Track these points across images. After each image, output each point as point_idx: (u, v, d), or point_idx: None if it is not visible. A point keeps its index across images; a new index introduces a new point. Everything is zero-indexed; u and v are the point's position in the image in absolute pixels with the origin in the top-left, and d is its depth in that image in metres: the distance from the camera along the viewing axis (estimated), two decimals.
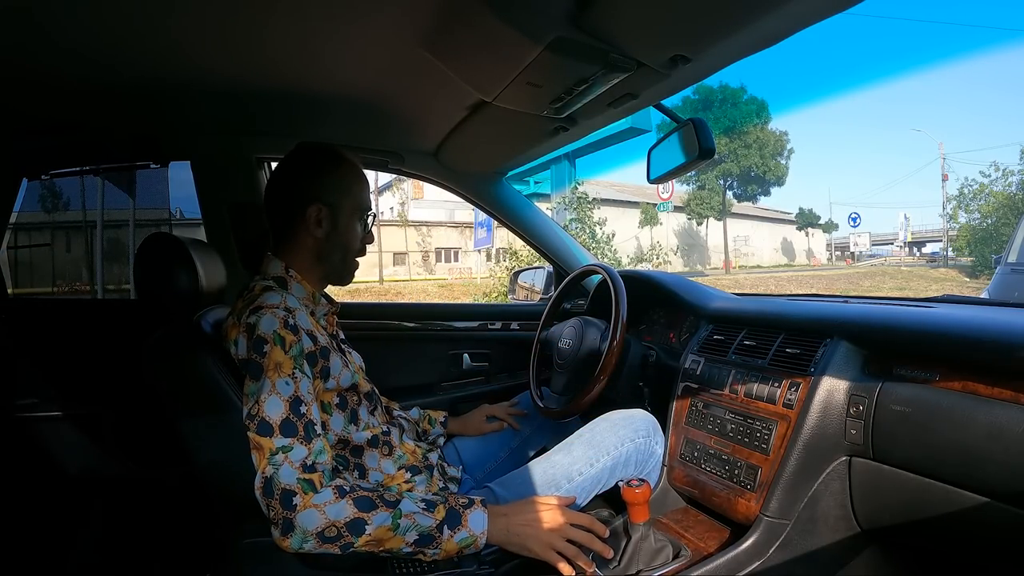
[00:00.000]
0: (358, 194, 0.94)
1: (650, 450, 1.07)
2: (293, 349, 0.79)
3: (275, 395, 0.75)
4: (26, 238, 3.56)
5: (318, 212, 0.90)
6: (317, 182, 0.91)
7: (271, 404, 0.75)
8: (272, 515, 0.72)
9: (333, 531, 0.72)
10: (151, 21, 0.83)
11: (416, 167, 1.54)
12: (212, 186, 1.42)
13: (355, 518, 0.73)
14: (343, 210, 0.92)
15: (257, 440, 0.74)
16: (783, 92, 42.75)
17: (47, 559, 1.37)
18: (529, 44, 0.78)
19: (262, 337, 0.77)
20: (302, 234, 0.91)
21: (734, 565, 0.88)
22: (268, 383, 0.76)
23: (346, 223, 0.93)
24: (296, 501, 0.71)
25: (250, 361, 0.77)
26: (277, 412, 0.75)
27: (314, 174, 0.91)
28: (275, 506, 0.71)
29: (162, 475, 1.38)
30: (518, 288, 1.94)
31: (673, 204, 16.86)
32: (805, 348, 0.95)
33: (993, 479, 0.69)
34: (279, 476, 0.72)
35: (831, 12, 0.70)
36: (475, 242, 16.82)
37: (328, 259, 0.93)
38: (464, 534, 0.76)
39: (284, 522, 0.71)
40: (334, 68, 1.02)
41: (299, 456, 0.74)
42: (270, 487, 0.72)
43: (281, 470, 0.72)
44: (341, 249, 0.93)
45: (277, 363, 0.77)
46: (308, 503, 0.72)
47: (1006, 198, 17.10)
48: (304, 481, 0.72)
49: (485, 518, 0.78)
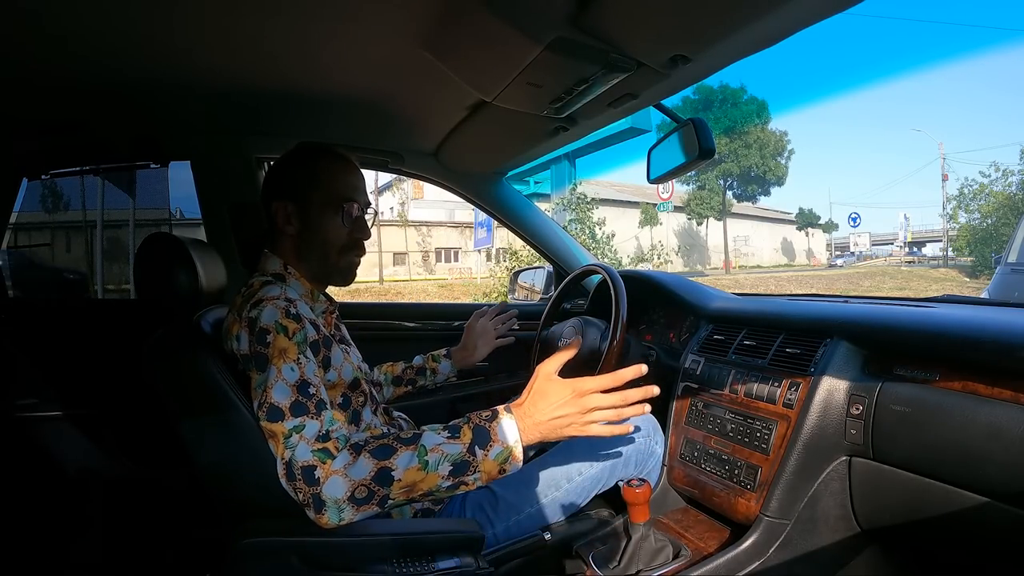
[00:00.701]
0: (330, 186, 0.88)
1: (650, 450, 1.07)
2: (297, 336, 0.78)
3: (281, 381, 0.74)
4: (26, 238, 3.56)
5: (284, 209, 0.87)
6: (281, 178, 0.89)
7: (278, 390, 0.74)
8: (301, 497, 0.69)
9: (363, 491, 0.69)
10: (151, 21, 0.83)
11: (416, 167, 1.54)
12: (212, 186, 1.42)
13: (379, 469, 0.69)
14: (312, 204, 0.87)
15: (270, 428, 0.72)
16: (783, 92, 42.87)
17: (47, 559, 1.37)
18: (529, 44, 0.78)
19: (265, 328, 0.77)
20: (278, 233, 0.89)
21: (734, 565, 0.88)
22: (274, 370, 0.75)
23: (318, 218, 0.88)
24: (318, 474, 0.69)
25: (254, 354, 0.77)
26: (285, 397, 0.73)
27: (281, 170, 0.90)
28: (301, 487, 0.69)
29: (162, 475, 1.38)
30: (518, 288, 1.94)
31: (673, 204, 16.85)
32: (805, 348, 0.95)
33: (993, 479, 0.69)
34: (296, 455, 0.70)
35: (831, 12, 0.70)
36: (475, 242, 16.83)
37: (308, 257, 0.90)
38: (498, 448, 0.71)
39: (314, 499, 0.69)
40: (334, 68, 1.01)
41: (312, 431, 0.72)
42: (291, 470, 0.70)
43: (297, 449, 0.70)
44: (318, 247, 0.89)
45: (282, 349, 0.76)
46: (329, 471, 0.69)
47: (1006, 198, 17.11)
48: (319, 451, 0.70)
49: (515, 425, 0.72)
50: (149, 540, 1.40)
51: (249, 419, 0.78)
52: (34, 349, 1.44)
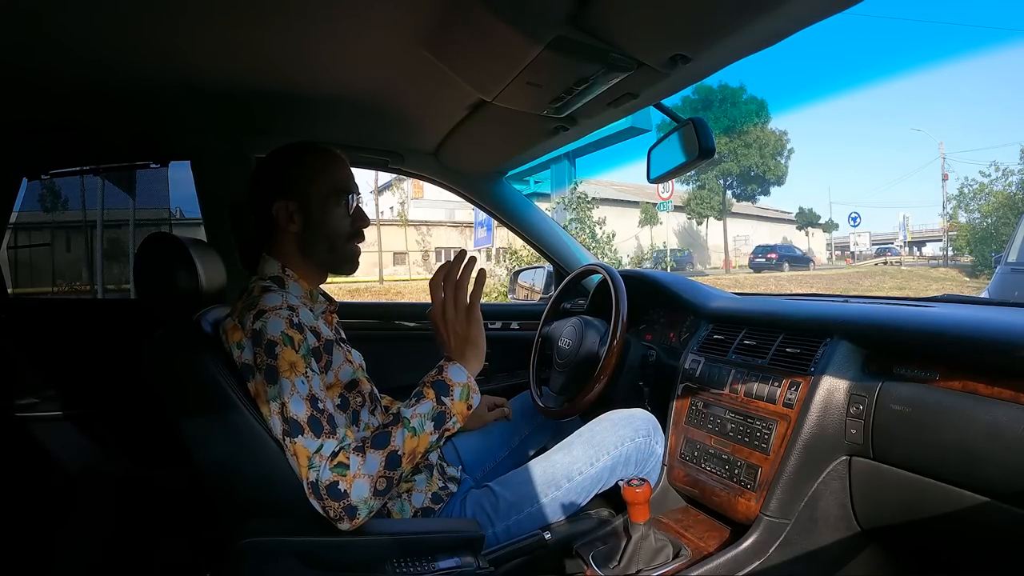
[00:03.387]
0: (327, 179, 0.90)
1: (650, 450, 1.07)
2: (302, 348, 0.80)
3: (296, 395, 0.77)
4: (26, 238, 3.56)
5: (285, 208, 0.88)
6: (277, 178, 0.90)
7: (295, 404, 0.77)
8: (332, 513, 0.74)
9: (383, 482, 0.75)
10: (151, 21, 0.83)
11: (416, 167, 1.53)
12: (212, 186, 1.42)
13: (387, 455, 0.76)
14: (313, 199, 0.89)
15: (293, 447, 0.76)
16: (783, 92, 42.75)
17: (47, 559, 1.37)
18: (529, 44, 0.78)
19: (272, 340, 0.78)
20: (279, 233, 0.90)
21: (734, 565, 0.88)
22: (287, 384, 0.77)
23: (320, 211, 0.90)
24: (342, 487, 0.74)
25: (260, 365, 0.78)
26: (302, 411, 0.77)
27: (273, 171, 0.90)
28: (331, 504, 0.74)
29: (162, 475, 1.38)
30: (518, 288, 1.95)
31: (673, 204, 16.83)
32: (805, 348, 0.95)
33: (993, 479, 0.69)
34: (320, 477, 0.74)
35: (831, 12, 0.70)
36: (475, 242, 16.80)
37: (313, 252, 0.91)
38: (458, 390, 0.81)
39: (346, 510, 0.74)
40: (334, 68, 1.01)
41: (329, 450, 0.76)
42: (318, 490, 0.74)
43: (321, 471, 0.75)
44: (323, 239, 0.91)
45: (291, 363, 0.78)
46: (350, 479, 0.74)
47: (1006, 198, 17.10)
48: (336, 467, 0.75)
49: (459, 366, 0.83)
50: (149, 540, 1.40)
51: (249, 419, 0.78)
52: (34, 349, 1.44)
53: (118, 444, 1.42)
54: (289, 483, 0.76)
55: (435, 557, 0.79)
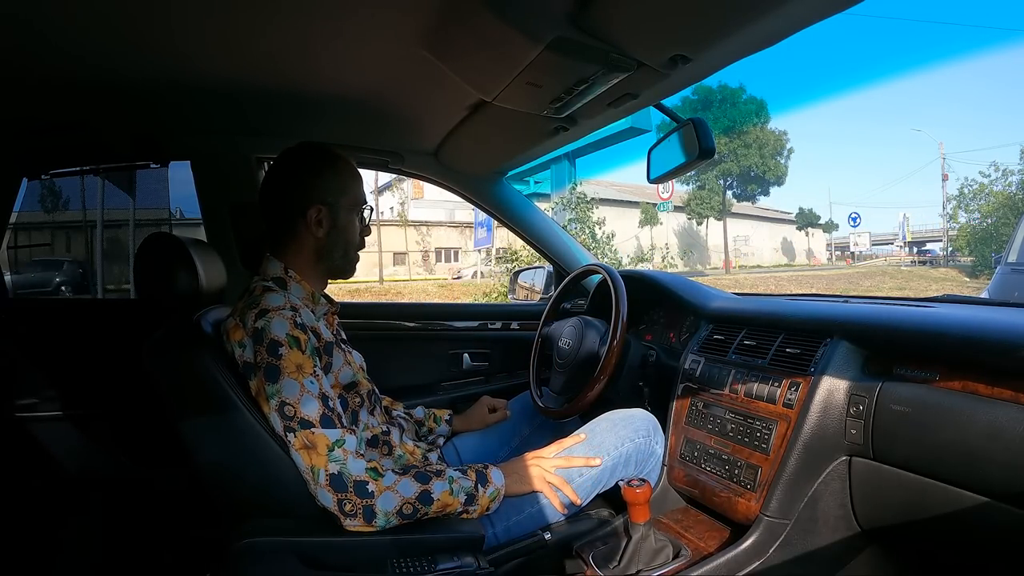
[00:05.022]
0: (354, 190, 0.96)
1: (650, 450, 1.07)
2: (308, 348, 0.82)
3: (307, 394, 0.78)
4: (26, 238, 3.56)
5: (318, 213, 0.91)
6: (315, 183, 0.92)
7: (306, 403, 0.78)
8: (349, 507, 0.75)
9: (409, 508, 0.79)
10: (151, 21, 0.83)
11: (416, 167, 1.54)
12: (212, 186, 1.42)
13: (422, 491, 0.80)
14: (341, 208, 0.93)
15: (308, 439, 0.77)
16: (782, 92, 42.72)
17: (47, 559, 1.37)
18: (529, 44, 0.78)
19: (276, 340, 0.79)
20: (303, 235, 0.92)
21: (734, 565, 0.88)
22: (295, 384, 0.78)
23: (345, 220, 0.94)
24: (371, 488, 0.77)
25: (261, 365, 0.78)
26: (314, 410, 0.78)
27: (311, 175, 0.92)
28: (351, 498, 0.76)
29: (162, 475, 1.38)
30: (518, 288, 1.94)
31: (673, 204, 16.85)
32: (805, 348, 0.95)
33: (993, 479, 0.69)
34: (348, 469, 0.76)
35: (831, 12, 0.70)
36: (475, 242, 16.83)
37: (329, 256, 0.95)
38: (492, 489, 0.88)
39: (365, 510, 0.76)
40: (334, 68, 1.02)
41: (352, 446, 0.79)
42: (341, 481, 0.75)
43: (348, 463, 0.76)
44: (342, 245, 0.95)
45: (298, 364, 0.79)
46: (381, 487, 0.77)
47: (1006, 198, 17.11)
48: (371, 469, 0.78)
49: (501, 473, 0.90)
50: (149, 540, 1.41)
51: (249, 419, 0.78)
52: (34, 349, 1.44)
53: (118, 444, 1.42)
54: (289, 483, 0.76)
55: (435, 558, 0.79)
